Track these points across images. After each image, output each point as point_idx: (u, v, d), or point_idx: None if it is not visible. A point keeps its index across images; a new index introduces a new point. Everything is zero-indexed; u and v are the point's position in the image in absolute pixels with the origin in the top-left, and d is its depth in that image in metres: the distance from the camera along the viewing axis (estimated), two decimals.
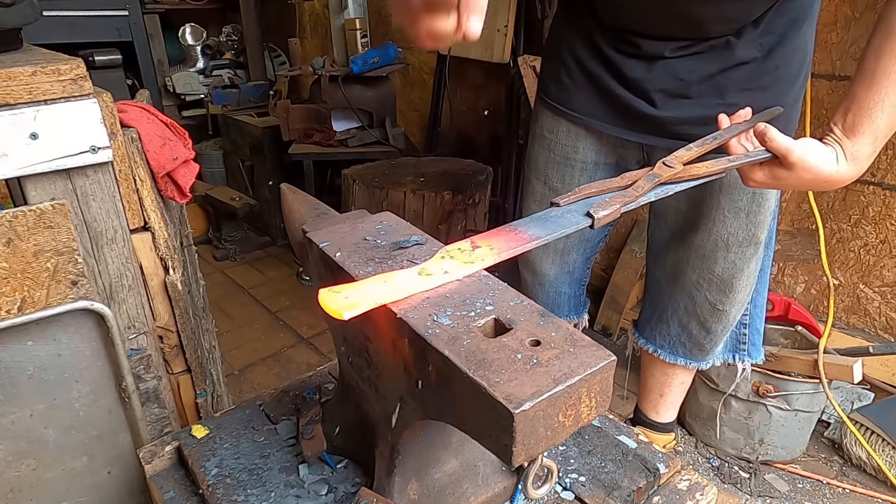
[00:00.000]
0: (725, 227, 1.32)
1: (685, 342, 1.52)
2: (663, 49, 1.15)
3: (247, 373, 2.39)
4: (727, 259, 1.35)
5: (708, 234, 1.34)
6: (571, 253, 1.52)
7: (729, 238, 1.33)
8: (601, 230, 1.52)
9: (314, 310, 2.82)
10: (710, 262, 1.37)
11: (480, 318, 0.61)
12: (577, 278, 1.61)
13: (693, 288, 1.43)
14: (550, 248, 1.49)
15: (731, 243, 1.33)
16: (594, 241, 1.56)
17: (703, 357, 1.54)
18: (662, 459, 0.90)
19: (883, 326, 2.07)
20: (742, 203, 1.29)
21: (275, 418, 0.98)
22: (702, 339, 1.49)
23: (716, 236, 1.33)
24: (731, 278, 1.37)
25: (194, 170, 1.22)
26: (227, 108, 3.83)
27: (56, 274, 0.97)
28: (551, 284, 1.58)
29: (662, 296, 1.52)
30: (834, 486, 1.79)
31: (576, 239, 1.49)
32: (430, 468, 0.78)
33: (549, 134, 1.40)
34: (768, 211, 1.31)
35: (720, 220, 1.31)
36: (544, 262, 1.53)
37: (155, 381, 1.16)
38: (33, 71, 0.89)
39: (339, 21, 3.06)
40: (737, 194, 1.28)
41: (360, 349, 0.76)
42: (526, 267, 1.58)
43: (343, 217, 0.86)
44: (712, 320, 1.45)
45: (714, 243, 1.34)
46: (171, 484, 0.89)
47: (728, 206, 1.30)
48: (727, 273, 1.37)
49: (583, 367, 0.54)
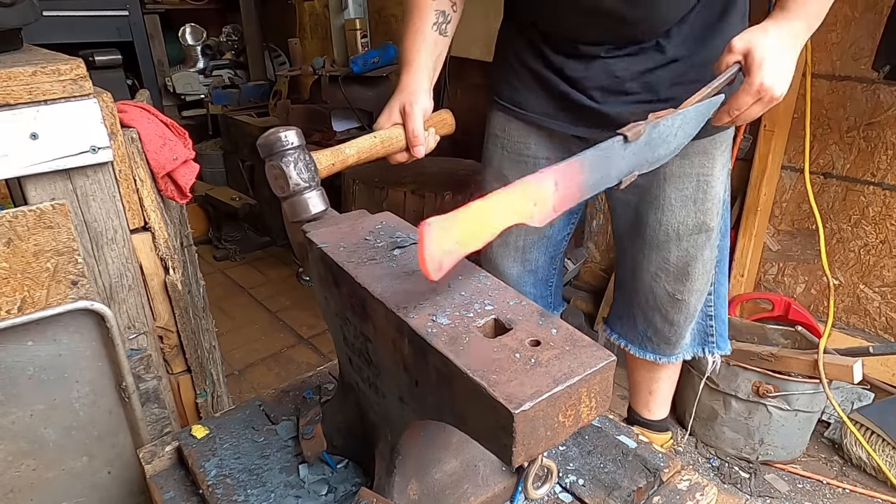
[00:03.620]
0: (675, 216, 1.36)
1: (651, 336, 1.56)
2: (599, 50, 1.22)
3: (247, 373, 2.39)
4: (680, 248, 1.39)
5: (658, 225, 1.38)
6: (532, 251, 1.54)
7: (679, 227, 1.37)
8: (563, 226, 1.56)
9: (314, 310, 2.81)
10: (664, 253, 1.41)
11: (480, 318, 0.61)
12: (541, 278, 1.62)
13: (651, 280, 1.47)
14: (511, 246, 1.52)
15: (681, 232, 1.37)
16: (555, 238, 1.57)
17: (670, 351, 1.56)
18: (663, 459, 0.91)
19: (883, 326, 2.07)
20: (688, 191, 1.34)
21: (275, 418, 0.98)
22: (666, 332, 1.52)
23: (666, 226, 1.38)
24: (686, 266, 1.41)
25: (194, 170, 1.22)
26: (228, 108, 3.83)
27: (56, 274, 0.97)
28: (514, 284, 1.57)
29: (626, 290, 1.56)
30: (834, 486, 1.79)
31: (535, 236, 1.51)
32: (430, 468, 0.78)
33: (502, 133, 1.45)
34: (716, 198, 1.35)
35: (668, 209, 1.36)
36: (506, 261, 1.55)
37: (155, 382, 1.16)
38: (33, 71, 0.89)
39: (339, 21, 3.07)
40: (682, 183, 1.33)
41: (360, 349, 0.76)
42: (488, 265, 1.59)
43: (343, 217, 0.86)
44: (673, 311, 1.48)
45: (665, 233, 1.39)
46: (171, 484, 0.89)
47: (675, 196, 1.34)
48: (682, 262, 1.41)
49: (583, 367, 0.54)
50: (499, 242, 1.51)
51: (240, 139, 3.57)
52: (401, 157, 1.10)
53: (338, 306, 0.78)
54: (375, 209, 0.88)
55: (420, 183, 2.41)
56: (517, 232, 1.48)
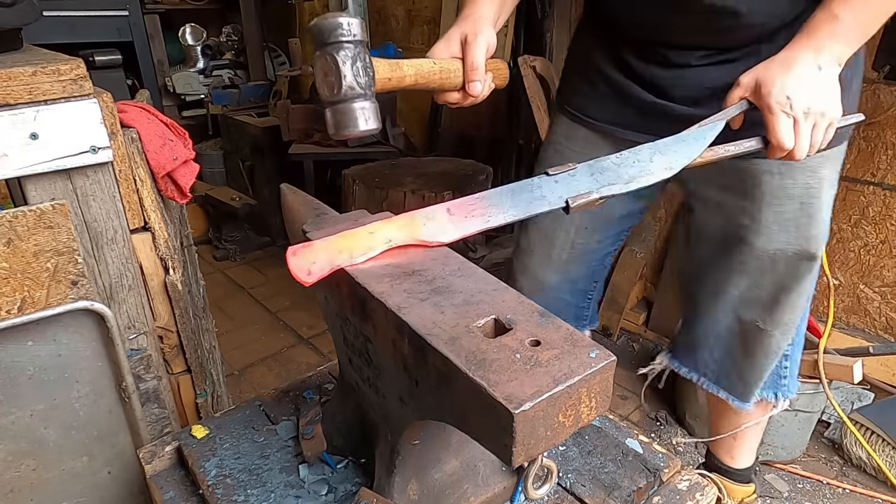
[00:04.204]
0: (772, 241, 1.20)
1: (729, 372, 1.40)
2: (690, 57, 1.10)
3: (247, 373, 2.39)
4: (775, 275, 1.24)
5: (751, 249, 1.23)
6: (575, 263, 1.46)
7: (776, 254, 1.21)
8: (610, 242, 1.46)
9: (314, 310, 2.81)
10: (755, 279, 1.26)
11: (480, 318, 0.61)
12: (580, 289, 1.54)
13: (737, 307, 1.32)
14: (554, 259, 1.44)
15: (778, 259, 1.22)
16: (600, 253, 1.48)
17: (745, 393, 1.40)
18: (663, 459, 0.90)
19: (883, 326, 2.07)
20: (790, 214, 1.17)
21: (275, 418, 0.98)
22: (744, 368, 1.37)
23: (761, 251, 1.22)
24: (777, 295, 1.26)
25: (194, 170, 1.22)
26: (228, 109, 3.83)
27: (56, 274, 0.97)
28: (551, 290, 1.51)
29: (703, 317, 1.40)
30: (834, 486, 1.79)
31: (579, 251, 1.43)
32: (430, 468, 0.78)
33: (565, 141, 1.35)
34: (822, 223, 1.19)
35: (765, 233, 1.20)
36: (546, 272, 1.48)
37: (155, 382, 1.16)
38: (33, 71, 0.89)
39: None
40: (782, 205, 1.17)
41: (360, 349, 0.76)
42: (525, 274, 1.53)
43: (343, 217, 0.86)
44: (755, 344, 1.33)
45: (758, 259, 1.23)
46: (171, 484, 0.89)
47: (773, 218, 1.18)
48: (774, 290, 1.26)
49: (583, 367, 0.54)
50: (541, 253, 1.44)
51: (240, 139, 3.57)
52: (453, 96, 0.97)
53: (338, 306, 0.78)
54: (375, 209, 0.88)
55: (420, 183, 2.41)
56: (562, 246, 1.41)
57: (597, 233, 1.40)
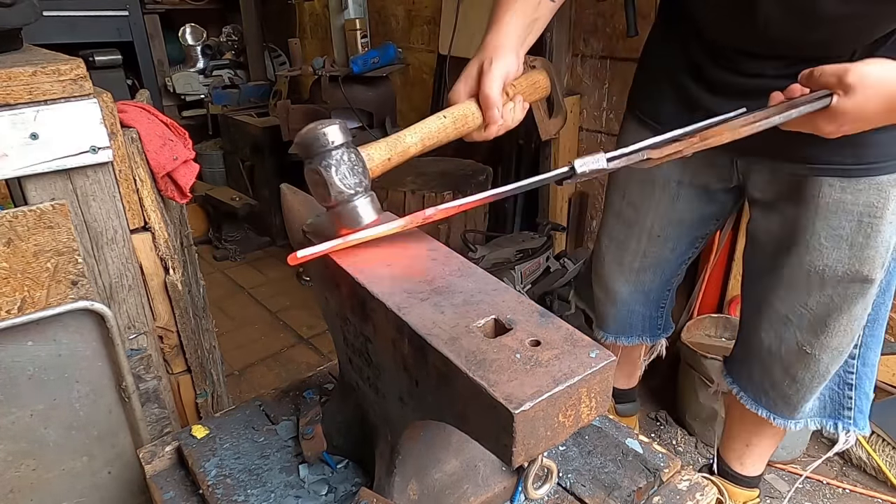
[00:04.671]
0: (822, 257, 1.13)
1: (768, 390, 1.33)
2: (766, 68, 1.04)
3: (247, 373, 2.39)
4: (822, 294, 1.17)
5: (800, 264, 1.16)
6: (647, 272, 1.44)
7: (825, 271, 1.14)
8: (684, 251, 1.42)
9: (314, 310, 2.81)
10: (801, 296, 1.19)
11: (480, 318, 0.61)
12: (653, 300, 1.51)
13: (780, 324, 1.25)
14: (626, 267, 1.43)
15: (827, 277, 1.15)
16: (674, 262, 1.44)
17: (789, 413, 1.33)
18: (663, 459, 0.90)
19: None
20: (844, 231, 1.10)
21: (275, 418, 0.98)
22: (786, 389, 1.29)
23: (809, 267, 1.15)
24: (824, 317, 1.18)
25: (194, 170, 1.22)
26: (228, 109, 3.83)
27: (56, 274, 0.97)
28: (624, 303, 1.49)
29: (748, 330, 1.35)
30: (834, 486, 1.79)
31: (652, 259, 1.40)
32: (430, 468, 0.78)
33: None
34: (882, 245, 1.10)
35: (815, 248, 1.13)
36: (618, 281, 1.46)
37: (155, 382, 1.16)
38: (34, 71, 0.89)
39: (339, 21, 3.06)
40: (837, 220, 1.10)
41: (360, 349, 0.76)
42: (598, 284, 1.51)
43: None
44: (798, 365, 1.25)
45: (807, 275, 1.16)
46: (171, 484, 0.89)
47: (826, 233, 1.11)
48: (821, 310, 1.18)
49: (583, 367, 0.54)
50: (612, 260, 1.44)
51: (240, 139, 3.57)
52: (478, 135, 0.93)
53: (338, 306, 0.78)
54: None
55: (420, 183, 2.41)
56: (633, 253, 1.40)
57: (669, 240, 1.38)
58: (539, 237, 2.47)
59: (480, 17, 2.72)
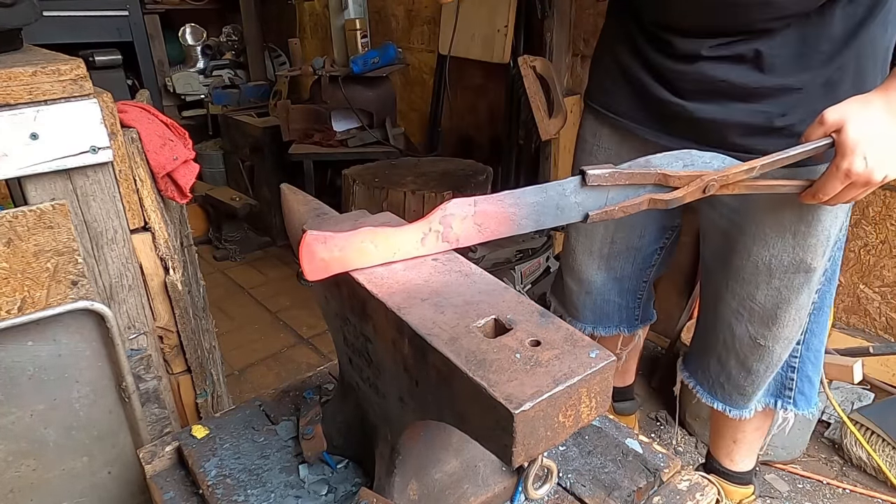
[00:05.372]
0: (767, 248, 1.16)
1: (724, 383, 1.37)
2: (700, 47, 1.07)
3: (247, 373, 2.39)
4: (770, 286, 1.19)
5: (748, 256, 1.19)
6: (618, 259, 1.43)
7: (772, 261, 1.17)
8: (654, 239, 1.44)
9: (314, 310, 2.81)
10: (750, 289, 1.22)
11: (480, 318, 0.61)
12: (627, 288, 1.51)
13: (732, 318, 1.28)
14: (595, 254, 1.43)
15: (773, 268, 1.17)
16: (645, 250, 1.44)
17: (742, 403, 1.37)
18: (663, 459, 0.90)
19: (883, 326, 2.07)
20: (787, 221, 1.13)
21: (275, 418, 0.98)
22: (741, 381, 1.33)
23: (756, 258, 1.18)
24: (774, 308, 1.21)
25: (194, 170, 1.22)
26: (228, 109, 3.84)
27: (56, 274, 0.97)
28: (598, 292, 1.49)
29: (704, 326, 1.40)
30: (834, 486, 1.79)
31: (622, 245, 1.41)
32: (430, 468, 0.78)
33: (592, 138, 1.34)
34: (822, 233, 1.13)
35: (761, 239, 1.16)
36: (590, 268, 1.46)
37: (155, 382, 1.16)
38: (34, 71, 0.89)
39: (339, 21, 3.07)
40: (780, 210, 1.13)
41: (360, 349, 0.76)
42: (571, 275, 1.51)
43: (343, 217, 0.86)
44: (753, 358, 1.29)
45: (755, 266, 1.19)
46: (171, 484, 0.89)
47: (771, 224, 1.14)
48: (770, 302, 1.21)
49: (583, 368, 0.54)
50: (583, 250, 1.44)
51: (240, 139, 3.57)
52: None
53: (338, 306, 0.78)
54: (375, 209, 0.88)
55: (420, 183, 2.41)
56: (602, 240, 1.41)
57: (636, 227, 1.38)
58: (539, 237, 2.47)
59: (480, 16, 2.72)
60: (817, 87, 1.03)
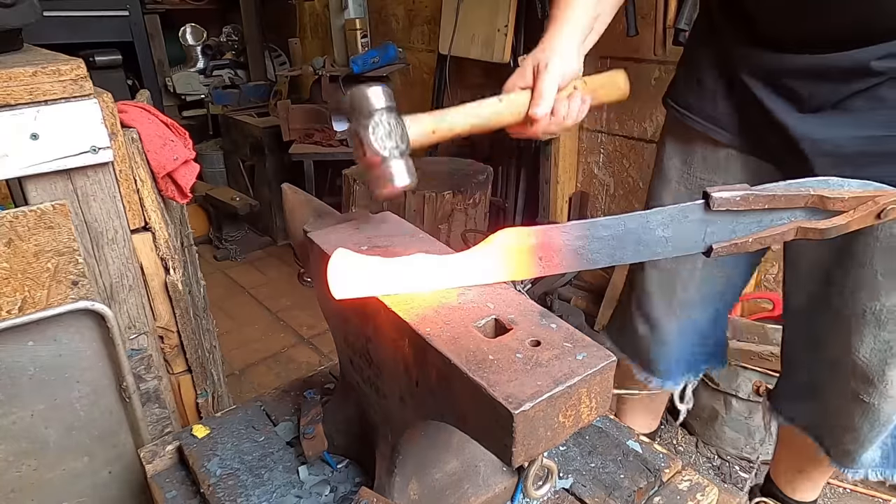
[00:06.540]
0: (878, 295, 1.00)
1: (824, 435, 1.21)
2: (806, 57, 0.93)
3: (247, 373, 2.39)
4: (878, 338, 1.03)
5: (853, 301, 1.03)
6: (696, 307, 1.27)
7: (882, 312, 1.01)
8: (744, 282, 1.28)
9: (315, 310, 2.80)
10: (853, 339, 1.06)
11: (480, 318, 0.61)
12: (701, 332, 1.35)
13: (834, 366, 1.12)
14: (675, 305, 1.26)
15: (883, 319, 1.01)
16: (730, 293, 1.28)
17: (847, 463, 1.19)
18: (663, 460, 0.91)
19: None
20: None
21: (275, 418, 0.98)
22: (842, 437, 1.16)
23: (863, 306, 1.02)
24: (881, 364, 1.05)
25: (195, 170, 1.22)
26: (228, 109, 3.84)
27: (56, 274, 0.97)
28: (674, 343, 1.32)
29: (799, 367, 1.23)
30: (834, 486, 1.79)
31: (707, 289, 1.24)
32: (431, 468, 0.78)
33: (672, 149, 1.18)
34: None
35: (870, 285, 1.00)
36: (660, 312, 1.29)
37: (155, 382, 1.16)
38: (34, 71, 0.90)
39: (339, 21, 3.07)
40: None
41: (360, 349, 0.76)
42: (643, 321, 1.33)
43: (344, 217, 0.86)
44: (856, 414, 1.12)
45: (860, 314, 1.03)
46: (172, 484, 0.89)
47: (884, 269, 0.99)
48: (877, 357, 1.05)
49: (583, 368, 0.54)
50: (658, 294, 1.27)
51: (240, 139, 3.57)
52: (522, 128, 0.88)
53: (339, 306, 0.78)
54: (376, 209, 0.88)
55: (420, 183, 2.41)
56: (682, 285, 1.24)
57: (726, 265, 1.22)
58: None
59: (480, 16, 2.72)
60: None
